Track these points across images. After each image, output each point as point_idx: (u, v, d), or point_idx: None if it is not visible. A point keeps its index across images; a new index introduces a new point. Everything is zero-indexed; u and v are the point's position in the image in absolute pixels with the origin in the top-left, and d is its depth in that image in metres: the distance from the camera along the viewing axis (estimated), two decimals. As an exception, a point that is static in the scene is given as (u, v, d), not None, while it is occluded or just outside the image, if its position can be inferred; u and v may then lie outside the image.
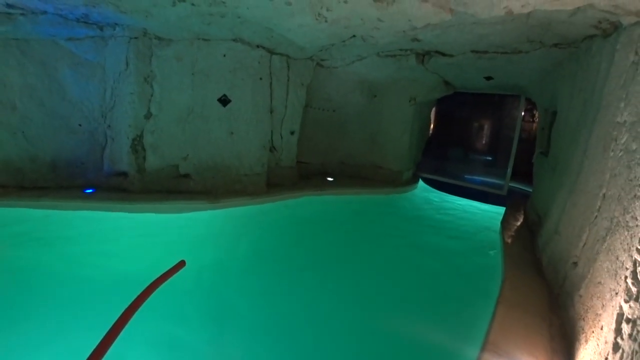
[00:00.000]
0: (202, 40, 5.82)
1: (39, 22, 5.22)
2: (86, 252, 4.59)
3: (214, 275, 4.22)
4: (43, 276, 3.98)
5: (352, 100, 8.51)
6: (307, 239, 5.59)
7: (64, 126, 6.23)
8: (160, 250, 4.69)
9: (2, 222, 5.23)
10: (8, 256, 4.45)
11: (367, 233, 6.05)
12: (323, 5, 4.22)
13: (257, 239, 5.43)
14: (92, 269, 4.18)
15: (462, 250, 5.46)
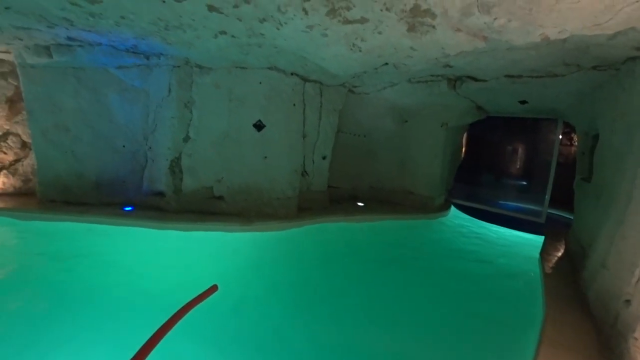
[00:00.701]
0: (239, 69, 6.08)
1: (94, 53, 5.67)
2: (121, 267, 4.74)
3: (243, 297, 4.22)
4: (79, 290, 4.13)
5: (383, 126, 8.55)
6: (337, 264, 5.53)
7: (109, 147, 6.64)
8: (191, 270, 4.79)
9: (48, 235, 5.60)
10: (50, 268, 4.67)
11: (399, 259, 5.91)
12: (358, 36, 4.33)
13: (287, 263, 5.42)
14: (126, 286, 4.28)
15: (498, 280, 5.22)
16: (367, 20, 3.83)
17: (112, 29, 4.65)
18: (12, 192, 7.32)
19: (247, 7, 3.71)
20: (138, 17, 4.16)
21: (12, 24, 4.75)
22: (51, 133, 6.56)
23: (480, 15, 3.33)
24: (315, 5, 3.55)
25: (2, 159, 7.30)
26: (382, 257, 5.94)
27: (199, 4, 3.69)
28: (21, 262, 4.86)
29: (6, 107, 7.16)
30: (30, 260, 4.89)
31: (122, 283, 4.33)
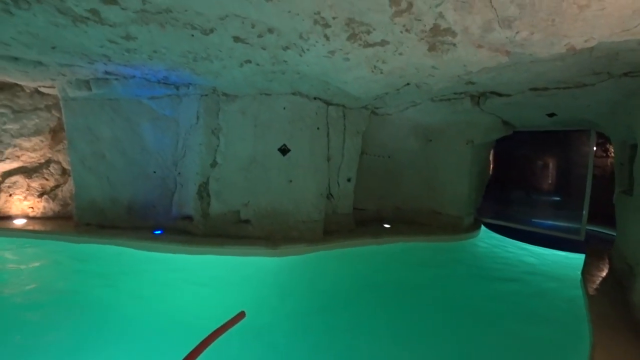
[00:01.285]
0: (263, 95, 6.27)
1: (128, 85, 6.02)
2: (150, 290, 4.82)
3: (269, 322, 4.16)
4: (109, 311, 4.22)
5: (407, 146, 8.50)
6: (365, 287, 5.39)
7: (141, 173, 6.94)
8: (218, 294, 4.81)
9: (82, 256, 5.84)
10: (83, 288, 4.84)
11: (430, 282, 5.71)
12: (379, 59, 4.40)
13: (314, 287, 5.34)
14: (153, 309, 4.33)
15: (536, 302, 4.93)
16: (388, 43, 3.89)
17: (145, 62, 4.94)
18: (51, 215, 7.74)
19: (271, 36, 3.86)
20: (169, 51, 4.41)
21: (57, 61, 5.14)
22: (89, 160, 6.95)
23: (502, 30, 3.32)
24: (336, 31, 3.65)
25: (43, 184, 7.76)
26: (412, 280, 5.76)
27: (225, 36, 3.88)
28: (56, 282, 5.05)
29: (49, 137, 7.68)
30: (64, 280, 5.09)
31: (150, 306, 4.40)
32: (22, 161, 7.62)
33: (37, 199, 7.73)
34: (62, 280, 5.13)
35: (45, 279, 5.17)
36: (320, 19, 3.40)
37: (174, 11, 3.37)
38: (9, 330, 3.76)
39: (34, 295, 4.67)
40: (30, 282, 5.02)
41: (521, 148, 11.41)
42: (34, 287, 4.88)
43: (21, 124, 7.35)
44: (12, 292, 4.74)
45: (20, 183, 7.66)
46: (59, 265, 5.70)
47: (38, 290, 4.79)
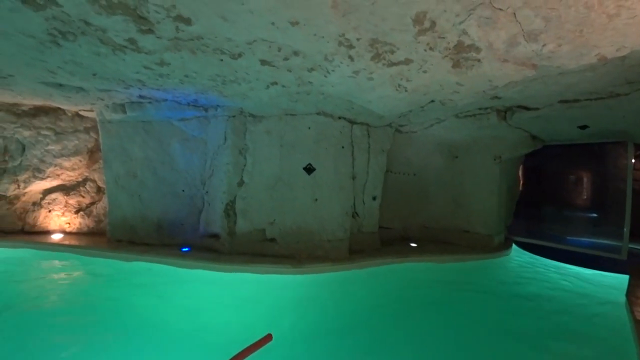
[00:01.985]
0: (289, 115, 6.41)
1: (160, 108, 6.30)
2: (176, 306, 4.88)
3: (293, 341, 4.11)
4: (136, 325, 4.31)
5: (433, 163, 8.40)
6: (391, 307, 5.25)
7: (170, 191, 7.17)
8: (243, 311, 4.82)
9: (113, 271, 6.06)
10: (111, 302, 4.98)
11: (459, 304, 5.47)
12: (403, 77, 4.42)
13: (339, 306, 5.25)
14: (179, 326, 4.36)
15: (576, 326, 4.62)
16: (412, 61, 3.92)
17: (177, 86, 5.18)
18: (86, 231, 8.12)
19: (297, 59, 3.97)
20: (199, 75, 4.61)
21: (97, 87, 5.47)
22: (122, 179, 7.28)
23: (528, 44, 3.28)
24: (360, 51, 3.72)
25: (80, 201, 8.17)
26: (440, 300, 5.57)
27: (252, 60, 4.03)
28: (87, 296, 5.23)
29: (87, 157, 8.13)
30: (95, 294, 5.27)
31: (176, 322, 4.44)
32: (61, 179, 8.08)
33: (74, 215, 8.13)
34: (93, 293, 5.30)
35: (77, 291, 5.39)
36: (344, 40, 3.48)
37: (205, 38, 3.54)
38: (43, 339, 3.91)
39: (65, 306, 4.87)
40: (63, 294, 5.26)
41: (552, 162, 11.02)
42: (66, 299, 5.11)
43: (62, 145, 7.82)
44: (46, 303, 4.97)
45: (59, 200, 8.10)
46: (90, 278, 5.94)
47: (70, 302, 5.00)
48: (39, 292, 5.32)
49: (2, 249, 6.97)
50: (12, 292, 5.24)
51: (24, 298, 5.12)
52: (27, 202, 8.00)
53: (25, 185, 7.76)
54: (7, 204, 7.79)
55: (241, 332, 4.19)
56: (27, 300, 5.07)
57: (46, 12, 3.15)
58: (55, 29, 3.49)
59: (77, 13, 3.14)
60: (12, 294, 5.18)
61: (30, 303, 4.98)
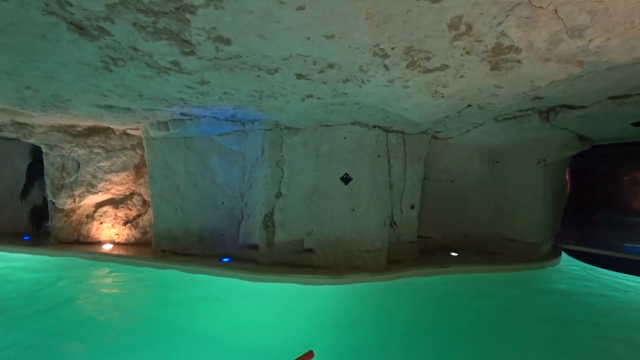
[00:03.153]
0: (324, 127, 6.48)
1: (200, 124, 6.57)
2: (216, 316, 5.02)
3: (333, 353, 4.09)
4: (178, 333, 4.48)
5: (472, 169, 8.13)
6: (432, 320, 5.09)
7: (211, 204, 7.43)
8: (282, 322, 4.87)
9: (158, 280, 6.38)
10: (157, 310, 5.24)
11: (503, 317, 5.21)
12: (439, 83, 4.35)
13: (377, 317, 5.17)
14: (218, 335, 4.47)
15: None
16: (448, 67, 3.86)
17: (216, 103, 5.40)
18: (133, 242, 8.62)
19: (332, 71, 4.02)
20: (238, 92, 4.78)
21: (143, 107, 5.81)
22: (166, 193, 7.64)
23: (572, 41, 3.14)
24: (396, 60, 3.70)
25: (127, 214, 8.66)
26: (483, 313, 5.33)
27: (288, 74, 4.12)
28: (133, 303, 5.53)
29: (133, 172, 8.63)
30: (141, 302, 5.58)
31: (216, 331, 4.56)
32: (111, 194, 8.62)
33: (122, 227, 8.64)
34: (139, 301, 5.64)
35: (124, 299, 5.72)
36: (379, 50, 3.49)
37: (243, 56, 3.67)
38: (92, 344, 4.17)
39: (113, 313, 5.17)
40: (111, 301, 5.59)
41: (602, 164, 10.27)
42: (114, 306, 5.40)
43: (112, 162, 8.36)
44: (97, 310, 5.30)
45: (109, 213, 8.64)
46: (137, 286, 6.29)
47: (117, 309, 5.29)
48: (90, 297, 5.73)
49: (60, 258, 7.60)
50: (66, 296, 5.65)
51: (78, 301, 5.54)
52: (82, 214, 8.60)
53: (80, 199, 8.35)
54: (64, 217, 8.41)
55: (279, 342, 4.26)
56: (83, 304, 5.48)
57: (100, 42, 3.41)
58: (108, 56, 3.76)
59: (126, 41, 3.37)
60: (66, 298, 5.59)
61: (85, 307, 5.37)
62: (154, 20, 2.99)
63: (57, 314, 5.01)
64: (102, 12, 2.87)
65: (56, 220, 8.40)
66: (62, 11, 2.87)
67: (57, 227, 8.42)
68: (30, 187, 9.36)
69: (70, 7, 2.80)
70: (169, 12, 2.87)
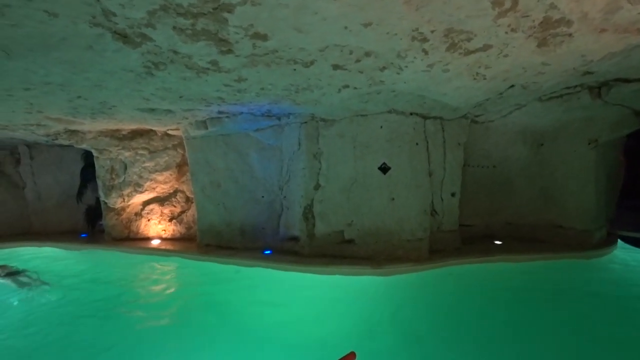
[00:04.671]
0: (360, 117, 6.41)
1: (237, 121, 6.72)
2: (259, 306, 5.18)
3: (377, 344, 4.08)
4: (223, 323, 4.71)
5: (515, 153, 7.76)
6: (476, 313, 4.91)
7: (251, 198, 7.62)
8: (324, 313, 4.95)
9: (204, 272, 6.67)
10: (202, 300, 5.50)
11: (556, 310, 4.92)
12: (481, 65, 4.19)
13: (420, 308, 5.09)
14: (260, 326, 4.61)
15: None
16: (491, 47, 3.71)
17: (252, 99, 5.48)
18: (178, 237, 9.05)
19: (368, 60, 3.97)
20: (274, 87, 4.83)
21: (182, 108, 6.01)
22: (207, 189, 7.92)
23: (632, 7, 2.91)
24: (435, 43, 3.59)
25: (172, 210, 9.07)
26: (532, 304, 5.09)
27: (324, 65, 4.11)
28: (181, 295, 5.87)
29: (176, 171, 9.01)
30: (188, 293, 5.88)
31: (260, 321, 4.72)
32: (156, 192, 9.06)
33: (168, 223, 9.08)
34: (186, 292, 5.95)
35: (173, 290, 6.08)
36: (418, 34, 3.39)
37: (280, 50, 3.69)
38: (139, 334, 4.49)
39: (162, 303, 5.54)
40: (160, 292, 5.98)
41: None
42: (163, 297, 5.78)
43: (155, 162, 8.75)
44: (146, 301, 5.71)
45: (155, 210, 9.10)
46: (185, 279, 6.71)
47: (166, 300, 5.65)
48: (141, 288, 6.22)
49: (115, 253, 8.20)
50: (121, 288, 6.13)
51: (133, 291, 6.05)
52: (131, 212, 9.10)
53: (128, 198, 8.84)
54: (116, 215, 8.94)
55: (321, 334, 4.33)
56: (136, 294, 5.96)
57: (142, 48, 3.55)
58: (150, 61, 3.90)
59: (167, 45, 3.49)
60: (122, 289, 6.05)
61: (139, 296, 5.84)
62: (192, 22, 3.07)
63: (116, 301, 5.53)
64: (144, 18, 2.97)
65: (109, 219, 8.95)
66: (107, 22, 3.01)
67: (110, 225, 8.98)
68: (84, 189, 10.02)
69: (114, 17, 2.93)
70: (207, 12, 2.93)
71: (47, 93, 4.96)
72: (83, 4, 2.73)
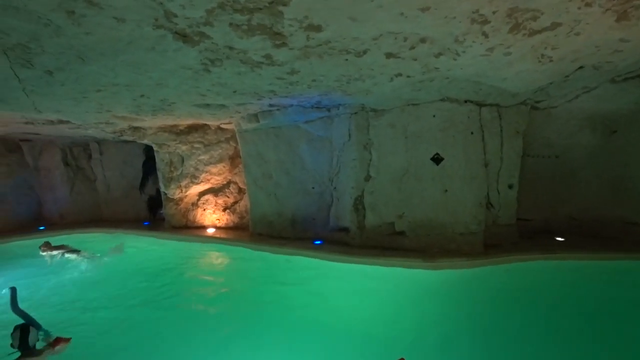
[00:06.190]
0: (411, 106, 6.23)
1: (287, 113, 6.83)
2: (310, 295, 5.31)
3: (427, 339, 4.02)
4: (270, 309, 4.93)
5: (581, 141, 7.13)
6: (536, 313, 4.60)
7: (301, 189, 7.76)
8: (374, 304, 4.97)
9: (257, 260, 6.99)
10: (253, 288, 5.78)
11: (624, 315, 4.47)
12: (547, 45, 3.91)
13: (473, 305, 4.90)
14: (307, 315, 4.74)
15: None
16: (560, 25, 3.46)
17: (303, 91, 5.54)
18: (232, 226, 9.50)
19: (423, 46, 3.84)
20: (326, 78, 4.84)
21: (235, 102, 6.22)
22: (260, 180, 8.19)
23: None
24: (497, 25, 3.40)
25: (226, 201, 9.50)
26: (599, 308, 4.67)
27: (377, 54, 4.04)
28: (233, 280, 6.23)
29: (229, 163, 9.41)
30: (239, 280, 6.24)
31: (310, 310, 4.85)
32: (211, 183, 9.53)
33: (222, 213, 9.54)
34: (241, 279, 6.33)
35: (228, 276, 6.55)
36: (478, 17, 3.23)
37: (332, 41, 3.68)
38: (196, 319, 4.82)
39: (217, 289, 5.93)
40: (217, 278, 6.43)
41: None
42: (218, 282, 6.19)
43: (210, 155, 9.18)
44: (202, 287, 6.11)
45: (210, 200, 9.58)
46: (238, 266, 7.07)
47: (221, 286, 6.06)
48: (199, 273, 6.81)
49: (175, 241, 8.75)
50: (183, 272, 6.66)
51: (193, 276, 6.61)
52: (188, 203, 9.66)
53: (186, 189, 9.38)
54: (175, 205, 9.55)
55: (372, 325, 4.37)
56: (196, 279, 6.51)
57: (200, 46, 3.71)
58: (207, 58, 4.07)
59: (223, 41, 3.61)
60: (184, 274, 6.58)
61: (196, 281, 6.37)
62: (248, 18, 3.15)
63: (178, 284, 6.02)
64: (202, 17, 3.10)
65: (168, 208, 9.58)
66: (169, 23, 3.17)
67: (170, 214, 9.61)
68: (146, 180, 10.85)
69: (175, 17, 3.08)
70: (263, 7, 2.99)
71: (115, 93, 5.38)
72: (147, 8, 2.90)
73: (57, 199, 11.09)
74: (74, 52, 3.76)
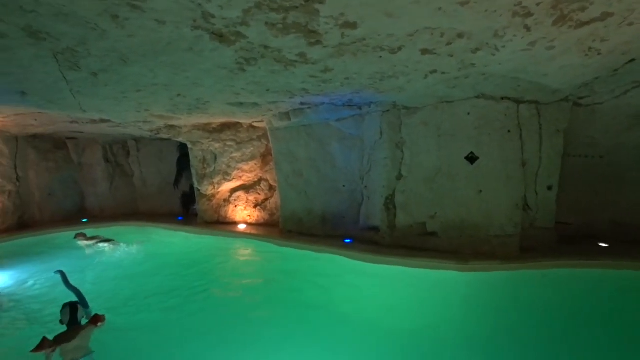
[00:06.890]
0: (445, 103, 6.08)
1: (318, 111, 6.86)
2: (338, 293, 5.33)
3: (458, 344, 3.91)
4: (299, 305, 4.98)
5: (629, 141, 6.69)
6: (575, 323, 4.38)
7: (332, 187, 7.78)
8: (403, 305, 4.92)
9: (286, 257, 7.10)
10: (282, 284, 5.87)
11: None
12: (596, 38, 3.71)
13: (508, 311, 4.73)
14: (334, 313, 4.74)
15: None
16: (611, 15, 3.28)
17: (336, 89, 5.54)
18: (262, 222, 9.67)
19: (461, 42, 3.74)
20: (359, 76, 4.82)
21: (268, 101, 6.31)
22: (290, 178, 8.28)
23: None
24: (540, 17, 3.26)
25: (257, 198, 9.69)
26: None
27: (412, 51, 3.98)
28: (263, 275, 6.40)
29: (260, 161, 9.58)
30: (269, 275, 6.40)
31: (337, 309, 4.86)
32: (242, 180, 9.74)
33: (253, 209, 9.73)
34: (269, 275, 6.48)
35: (257, 272, 6.74)
36: (520, 9, 3.11)
37: (367, 38, 3.66)
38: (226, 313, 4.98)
39: (246, 284, 6.14)
40: (245, 272, 6.68)
41: None
42: (247, 277, 6.40)
43: (242, 152, 9.37)
44: (231, 281, 6.37)
45: (241, 197, 9.79)
46: (268, 262, 7.24)
47: (249, 280, 6.26)
48: (229, 267, 7.06)
49: (207, 236, 9.03)
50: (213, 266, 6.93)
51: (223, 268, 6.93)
52: (220, 199, 9.91)
53: (218, 186, 9.64)
54: (207, 201, 9.83)
55: (400, 325, 4.32)
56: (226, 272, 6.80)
57: (236, 46, 3.79)
58: (242, 58, 4.16)
59: (259, 40, 3.67)
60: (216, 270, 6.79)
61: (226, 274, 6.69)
62: (284, 17, 3.18)
63: (210, 275, 6.35)
64: (239, 17, 3.16)
65: (201, 204, 9.87)
66: (206, 24, 3.26)
67: (203, 210, 9.90)
68: (180, 177, 11.23)
69: (212, 18, 3.16)
70: (299, 5, 3.01)
71: (154, 93, 5.61)
72: (186, 10, 3.00)
73: (98, 193, 11.76)
74: (117, 54, 3.96)
